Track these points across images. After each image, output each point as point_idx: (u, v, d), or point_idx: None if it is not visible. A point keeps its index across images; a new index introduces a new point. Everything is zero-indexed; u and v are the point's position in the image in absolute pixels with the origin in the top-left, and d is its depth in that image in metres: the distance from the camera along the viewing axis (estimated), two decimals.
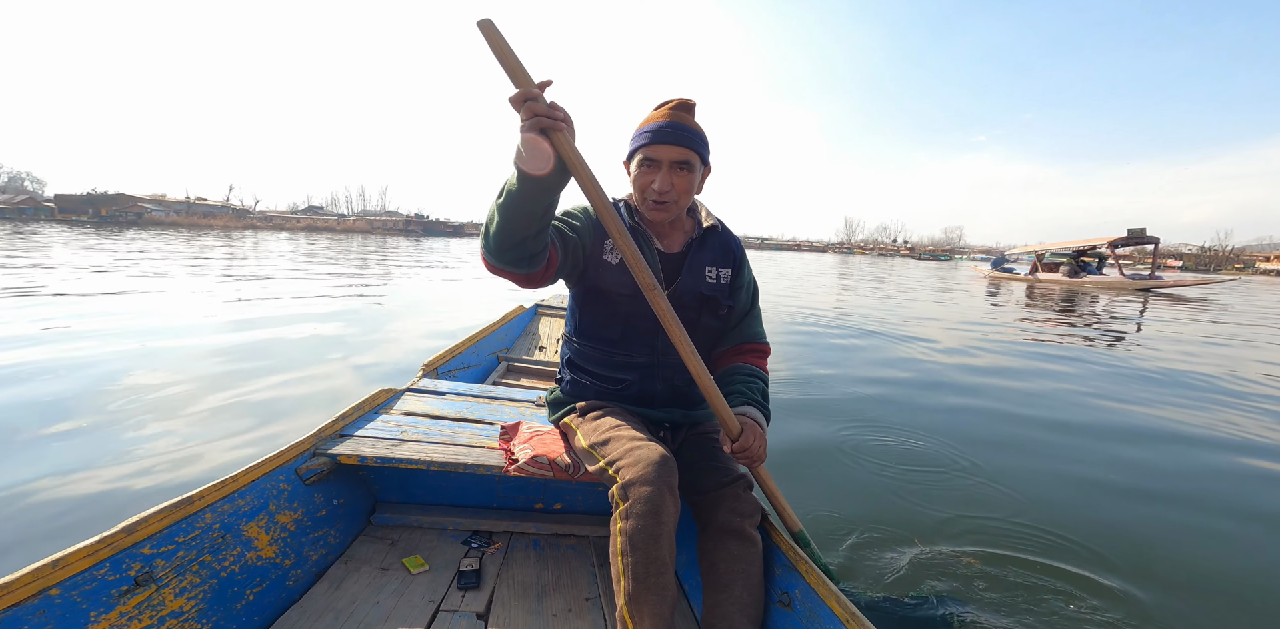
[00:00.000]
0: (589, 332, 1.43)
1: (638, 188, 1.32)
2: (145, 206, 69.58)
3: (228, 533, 1.20)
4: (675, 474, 1.13)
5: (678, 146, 1.26)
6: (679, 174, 1.28)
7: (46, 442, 2.44)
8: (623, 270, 1.33)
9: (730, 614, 1.10)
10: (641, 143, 1.29)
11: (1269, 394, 4.48)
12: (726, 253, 1.45)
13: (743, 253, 1.49)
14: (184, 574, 1.09)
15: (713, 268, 1.42)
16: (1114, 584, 1.77)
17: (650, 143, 1.27)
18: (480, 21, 1.04)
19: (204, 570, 1.13)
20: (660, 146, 1.27)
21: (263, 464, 1.35)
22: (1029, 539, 2.03)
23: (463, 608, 1.29)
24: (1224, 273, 54.15)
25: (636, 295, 1.32)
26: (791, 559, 1.21)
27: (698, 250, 1.41)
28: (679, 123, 1.28)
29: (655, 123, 1.29)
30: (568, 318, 1.51)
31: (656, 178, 1.28)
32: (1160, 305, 12.90)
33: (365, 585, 1.34)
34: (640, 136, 1.30)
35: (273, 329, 5.23)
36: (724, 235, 1.47)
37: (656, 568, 1.04)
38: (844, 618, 1.03)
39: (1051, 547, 1.99)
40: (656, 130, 1.27)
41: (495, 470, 1.51)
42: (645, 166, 1.29)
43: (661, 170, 1.28)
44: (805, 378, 4.32)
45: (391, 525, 1.61)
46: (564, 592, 1.40)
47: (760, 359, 1.48)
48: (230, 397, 3.20)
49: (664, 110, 1.30)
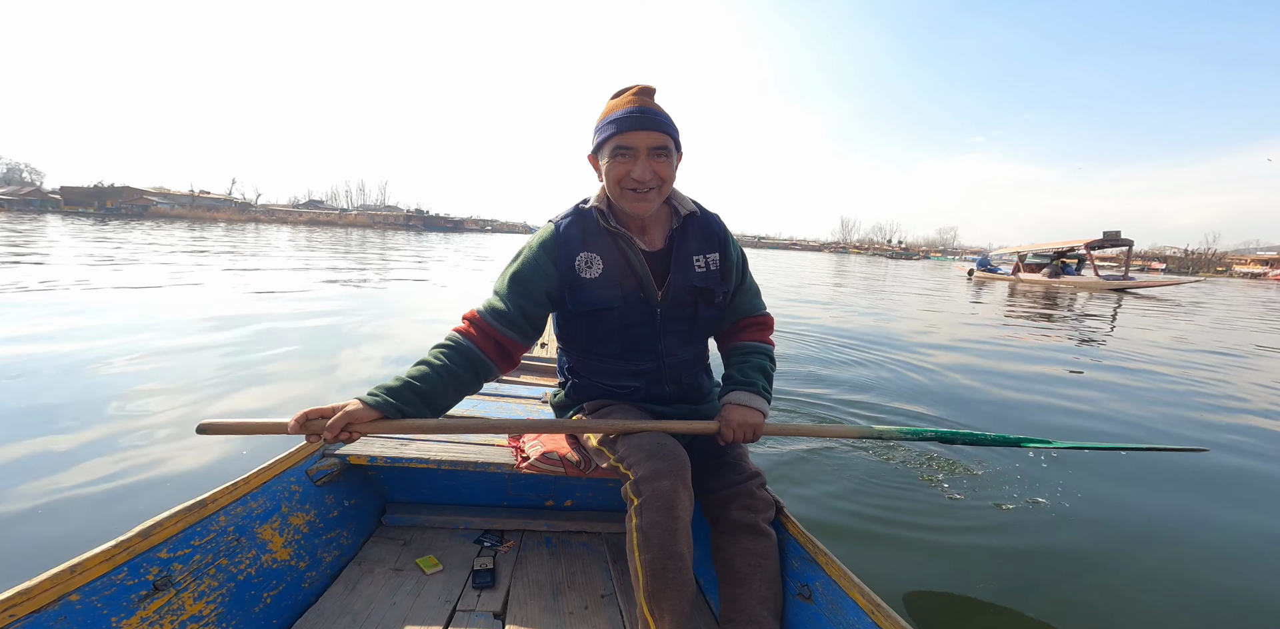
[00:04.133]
0: (587, 349, 1.34)
1: (613, 179, 1.19)
2: (151, 200, 68.75)
3: (242, 536, 1.16)
4: (688, 468, 1.10)
5: (654, 131, 1.16)
6: (658, 160, 1.17)
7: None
8: (606, 282, 1.24)
9: (750, 607, 1.07)
10: (610, 132, 1.17)
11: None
12: (710, 237, 1.33)
13: (726, 231, 1.37)
14: (201, 578, 1.05)
15: (700, 257, 1.30)
16: (1122, 578, 1.77)
17: (622, 130, 1.16)
18: (198, 427, 1.05)
19: (221, 574, 1.09)
20: (634, 133, 1.15)
21: (273, 466, 1.31)
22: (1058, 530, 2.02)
23: (479, 607, 1.26)
24: (1203, 275, 56.48)
25: (628, 305, 1.26)
26: (810, 551, 1.17)
27: (681, 242, 1.29)
28: (647, 108, 1.17)
29: (622, 110, 1.17)
30: (557, 331, 1.39)
31: (634, 166, 1.16)
32: (1129, 303, 13.03)
33: (380, 587, 1.30)
34: (608, 126, 1.17)
35: (275, 323, 5.16)
36: (704, 219, 1.34)
37: (675, 563, 1.01)
38: (868, 609, 0.99)
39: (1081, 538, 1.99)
40: (626, 117, 1.16)
41: (505, 468, 1.48)
42: (620, 156, 1.17)
43: (639, 158, 1.16)
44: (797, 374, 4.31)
45: (403, 526, 1.57)
46: (579, 589, 1.37)
47: (761, 332, 1.41)
48: (232, 393, 3.14)
49: (627, 97, 1.19)
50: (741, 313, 1.41)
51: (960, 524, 2.05)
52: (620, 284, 1.25)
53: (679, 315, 1.29)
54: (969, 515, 2.12)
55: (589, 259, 1.24)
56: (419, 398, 1.13)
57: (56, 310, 5.04)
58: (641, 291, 1.26)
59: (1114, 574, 1.81)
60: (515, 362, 1.27)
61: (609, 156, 1.19)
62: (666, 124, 1.18)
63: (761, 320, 1.43)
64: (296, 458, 1.38)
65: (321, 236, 29.17)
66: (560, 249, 1.25)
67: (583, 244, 1.25)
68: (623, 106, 1.18)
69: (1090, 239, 20.01)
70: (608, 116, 1.19)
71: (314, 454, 1.44)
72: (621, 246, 1.26)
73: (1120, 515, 2.21)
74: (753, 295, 1.44)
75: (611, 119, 1.18)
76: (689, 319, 1.31)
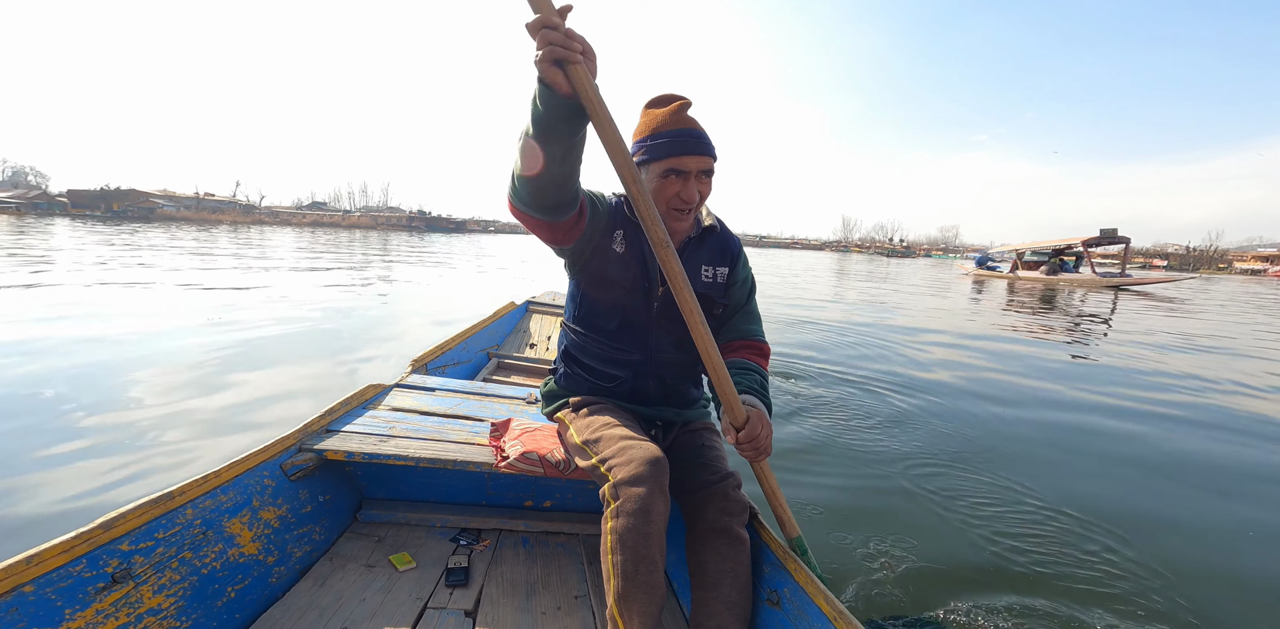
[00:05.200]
0: (586, 319, 1.38)
1: (661, 198, 1.23)
2: (156, 202, 68.84)
3: (209, 529, 1.15)
4: (667, 474, 1.09)
5: (705, 156, 1.22)
6: (703, 181, 1.24)
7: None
8: (627, 261, 1.29)
9: (718, 612, 1.07)
10: (665, 153, 1.20)
11: None
12: (724, 252, 1.39)
13: (741, 251, 1.43)
14: (163, 571, 1.03)
15: (709, 267, 1.36)
16: (1112, 572, 1.75)
17: (676, 153, 1.20)
18: None
19: (184, 567, 1.07)
20: (689, 158, 1.20)
21: (246, 459, 1.29)
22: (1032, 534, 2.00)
23: (450, 605, 1.24)
24: (1203, 271, 57.24)
25: (636, 289, 1.30)
26: (781, 558, 1.17)
27: (695, 249, 1.35)
28: (697, 131, 1.22)
29: (673, 129, 1.21)
30: (567, 304, 1.45)
31: (684, 188, 1.22)
32: (1125, 300, 13.00)
33: (351, 583, 1.28)
34: (661, 146, 1.21)
35: (260, 324, 5.15)
36: (722, 235, 1.41)
37: (646, 567, 1.01)
38: (832, 616, 1.00)
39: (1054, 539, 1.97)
40: (680, 140, 1.20)
41: (484, 467, 1.46)
42: (671, 176, 1.22)
43: (689, 181, 1.22)
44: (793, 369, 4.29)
45: (378, 522, 1.55)
46: (553, 589, 1.35)
47: (758, 357, 1.38)
48: (209, 391, 3.13)
49: (673, 113, 1.22)
50: (738, 334, 1.41)
51: (935, 531, 2.02)
52: (634, 268, 1.31)
53: (674, 315, 1.28)
54: (938, 519, 2.09)
55: (622, 236, 1.31)
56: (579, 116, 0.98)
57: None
58: (646, 283, 1.31)
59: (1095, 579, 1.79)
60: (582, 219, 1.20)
61: (660, 175, 1.22)
62: (712, 147, 1.24)
63: (759, 346, 1.41)
64: (271, 452, 1.36)
65: (341, 238, 29.24)
66: (614, 213, 1.32)
67: (622, 222, 1.32)
68: (671, 125, 1.21)
69: (1087, 236, 20.03)
70: (657, 132, 1.22)
71: (290, 448, 1.42)
72: (644, 241, 1.30)
73: (1104, 510, 2.19)
74: (753, 319, 1.44)
75: (665, 137, 1.21)
76: (683, 322, 1.30)
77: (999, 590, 1.66)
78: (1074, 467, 2.64)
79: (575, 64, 0.90)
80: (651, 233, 1.10)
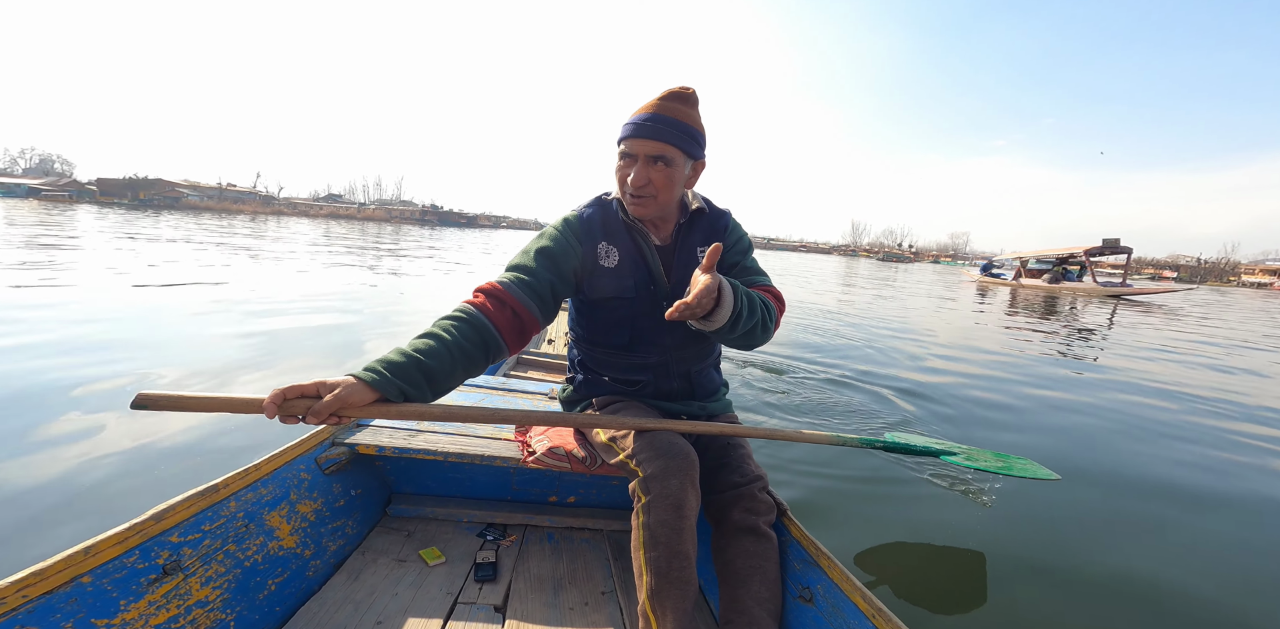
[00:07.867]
0: (597, 339, 1.34)
1: (618, 180, 1.21)
2: (182, 191, 69.37)
3: (251, 522, 1.15)
4: (696, 468, 1.08)
5: (654, 141, 1.13)
6: (655, 169, 1.15)
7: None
8: (621, 272, 1.24)
9: (749, 608, 1.05)
10: (621, 135, 1.17)
11: None
12: (715, 230, 1.32)
13: (730, 222, 1.34)
14: (209, 563, 1.03)
15: (703, 249, 1.29)
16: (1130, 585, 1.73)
17: (627, 135, 1.16)
18: (133, 402, 0.87)
19: (228, 559, 1.07)
20: (635, 140, 1.15)
21: (284, 453, 1.30)
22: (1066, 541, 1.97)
23: (480, 600, 1.24)
24: (1211, 283, 58.31)
25: (639, 296, 1.26)
26: (812, 554, 1.14)
27: (687, 235, 1.29)
28: (663, 115, 1.14)
29: (640, 114, 1.16)
30: (570, 323, 1.39)
31: (630, 172, 1.16)
32: (1123, 311, 12.88)
33: (383, 577, 1.28)
34: (623, 128, 1.18)
35: (289, 316, 5.17)
36: (711, 215, 1.33)
37: (679, 562, 1.00)
38: (870, 614, 0.96)
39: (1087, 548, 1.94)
40: (638, 123, 1.15)
41: (510, 462, 1.46)
42: (623, 159, 1.18)
43: (638, 166, 1.15)
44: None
45: (407, 517, 1.55)
46: (580, 585, 1.35)
47: (766, 292, 1.26)
48: (238, 384, 3.15)
49: (659, 99, 1.17)
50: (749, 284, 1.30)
51: (968, 527, 2.00)
52: (633, 275, 1.25)
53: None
54: (976, 518, 2.08)
55: (607, 249, 1.25)
56: (424, 377, 0.99)
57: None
58: (652, 284, 1.27)
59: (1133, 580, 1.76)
60: (525, 341, 1.17)
61: (618, 157, 1.20)
62: (672, 134, 1.13)
63: (766, 287, 1.30)
64: (307, 445, 1.37)
65: (355, 230, 29.32)
66: (585, 234, 1.25)
67: (603, 234, 1.26)
68: (645, 109, 1.17)
69: (1090, 246, 19.91)
70: (632, 115, 1.19)
71: (324, 442, 1.42)
72: (637, 240, 1.26)
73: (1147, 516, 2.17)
74: (756, 272, 1.34)
75: (628, 121, 1.18)
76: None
77: (1035, 588, 1.66)
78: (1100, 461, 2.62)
79: (337, 422, 0.94)
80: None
